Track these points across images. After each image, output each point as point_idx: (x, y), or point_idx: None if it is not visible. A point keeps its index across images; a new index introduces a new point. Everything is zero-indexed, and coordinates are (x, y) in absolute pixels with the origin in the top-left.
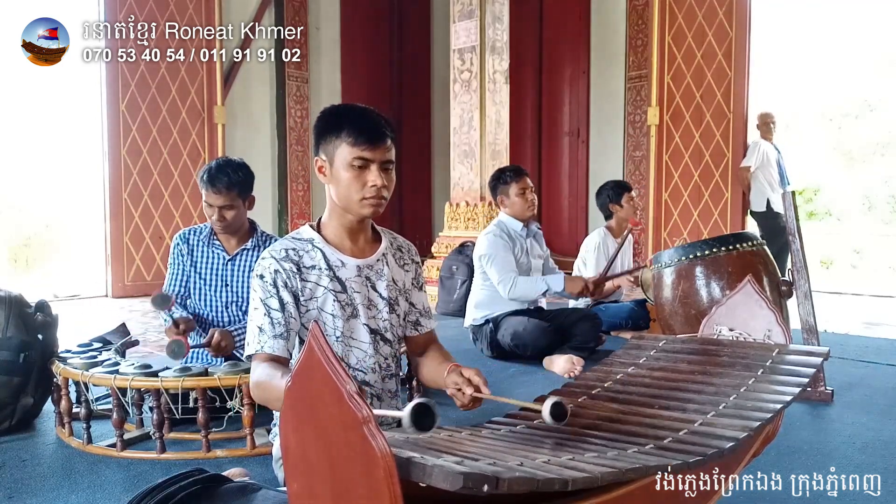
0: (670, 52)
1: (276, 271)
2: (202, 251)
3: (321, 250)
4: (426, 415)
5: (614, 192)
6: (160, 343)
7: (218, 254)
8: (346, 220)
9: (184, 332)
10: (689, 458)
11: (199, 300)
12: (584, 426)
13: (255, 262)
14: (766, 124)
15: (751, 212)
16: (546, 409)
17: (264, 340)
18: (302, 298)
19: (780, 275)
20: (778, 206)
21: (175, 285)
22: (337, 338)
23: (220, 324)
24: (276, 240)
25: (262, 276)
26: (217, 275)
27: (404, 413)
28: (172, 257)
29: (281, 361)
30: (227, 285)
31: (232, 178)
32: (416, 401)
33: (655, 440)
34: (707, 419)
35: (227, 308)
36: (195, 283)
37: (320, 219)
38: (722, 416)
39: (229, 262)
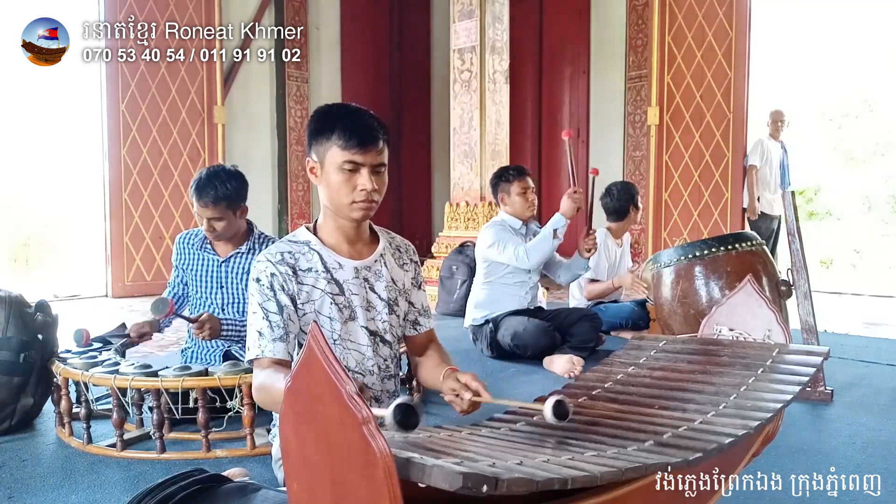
0: (670, 52)
1: (272, 275)
2: (196, 255)
3: (318, 252)
4: (409, 414)
5: (630, 196)
6: (160, 343)
7: (210, 257)
8: (340, 222)
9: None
10: (688, 455)
11: (197, 303)
12: (585, 424)
13: (249, 264)
14: (774, 123)
15: (743, 210)
16: (548, 408)
17: (264, 345)
18: (299, 301)
19: (779, 275)
20: (767, 207)
21: (175, 286)
22: (334, 341)
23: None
24: (274, 241)
25: (258, 280)
26: (211, 277)
27: (387, 412)
28: (173, 260)
29: (283, 364)
30: (221, 287)
31: (219, 192)
32: (398, 400)
33: (655, 436)
34: (707, 418)
35: (223, 310)
36: (192, 285)
37: (316, 220)
38: (722, 416)
39: (223, 265)
